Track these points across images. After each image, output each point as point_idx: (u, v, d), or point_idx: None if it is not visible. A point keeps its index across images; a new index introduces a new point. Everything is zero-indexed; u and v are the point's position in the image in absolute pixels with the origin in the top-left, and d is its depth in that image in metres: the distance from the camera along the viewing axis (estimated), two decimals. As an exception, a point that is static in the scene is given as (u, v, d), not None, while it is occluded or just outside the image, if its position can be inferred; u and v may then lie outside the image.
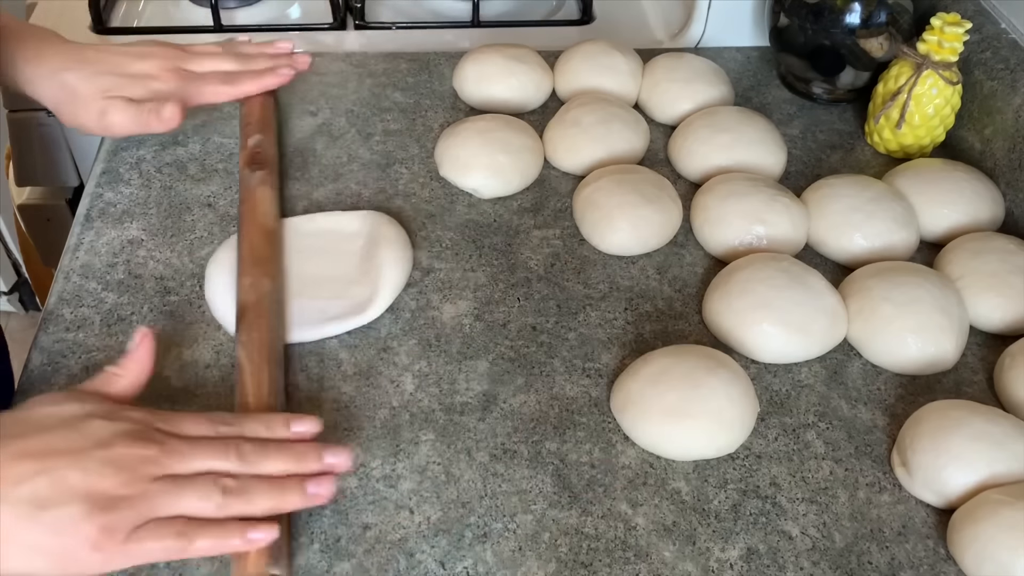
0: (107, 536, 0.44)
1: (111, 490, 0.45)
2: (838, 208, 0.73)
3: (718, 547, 0.55)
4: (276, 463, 0.50)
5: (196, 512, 0.47)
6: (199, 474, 0.48)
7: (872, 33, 0.82)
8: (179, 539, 0.46)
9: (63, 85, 0.67)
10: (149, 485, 0.46)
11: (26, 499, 0.43)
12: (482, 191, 0.76)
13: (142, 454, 0.46)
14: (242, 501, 0.48)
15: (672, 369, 0.60)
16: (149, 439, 0.47)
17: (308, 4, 1.00)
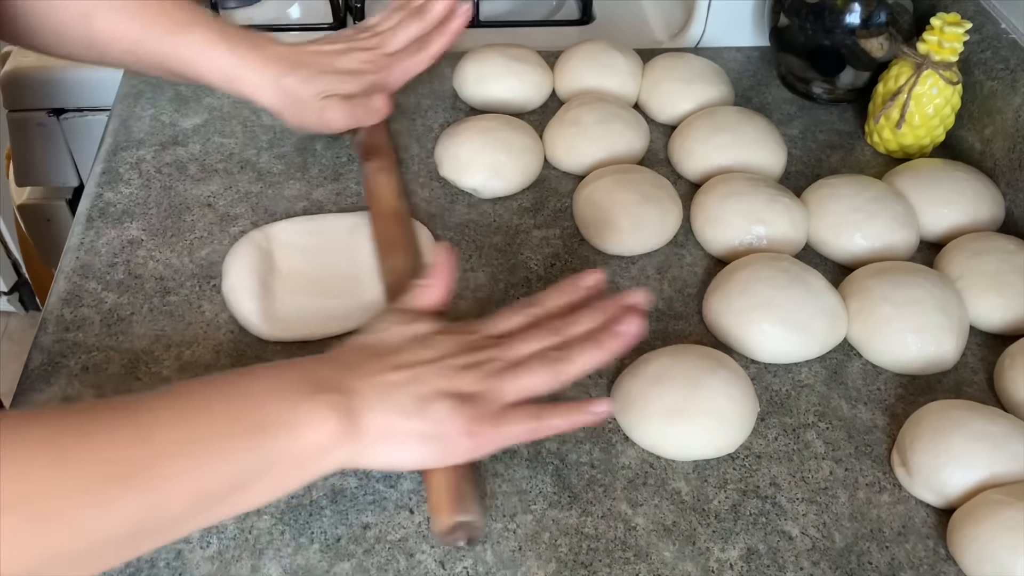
0: (475, 424, 0.50)
1: (468, 387, 0.51)
2: (838, 208, 0.73)
3: (718, 547, 0.55)
4: (585, 323, 0.55)
5: (536, 387, 0.53)
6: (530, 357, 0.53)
7: (872, 33, 0.82)
8: (534, 420, 0.52)
9: (285, 90, 0.70)
10: (496, 378, 0.52)
11: (409, 401, 0.50)
12: (482, 191, 0.76)
13: (482, 356, 0.53)
14: (571, 363, 0.53)
15: (672, 369, 0.60)
16: (483, 345, 0.54)
17: (308, 4, 1.00)
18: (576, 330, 0.55)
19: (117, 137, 0.79)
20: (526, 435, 0.53)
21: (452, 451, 0.51)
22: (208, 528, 0.53)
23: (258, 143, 0.79)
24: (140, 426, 0.43)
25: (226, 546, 0.53)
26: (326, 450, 0.47)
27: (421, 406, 0.50)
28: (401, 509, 0.55)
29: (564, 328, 0.55)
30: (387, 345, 0.53)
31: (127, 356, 0.63)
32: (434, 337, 0.54)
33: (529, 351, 0.54)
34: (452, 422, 0.50)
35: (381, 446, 0.49)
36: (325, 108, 0.71)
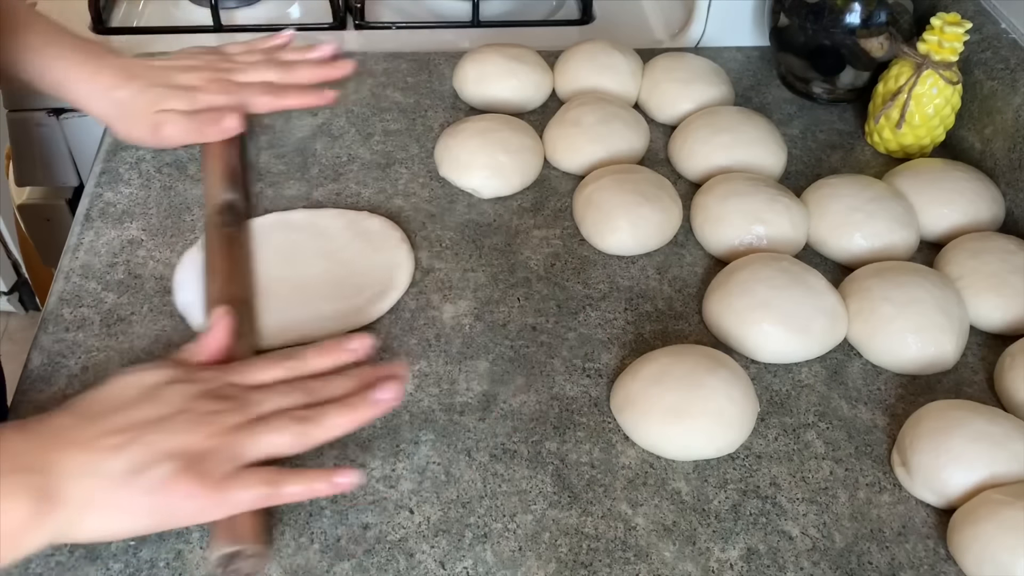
0: (200, 486, 0.47)
1: (197, 445, 0.48)
2: (838, 208, 0.73)
3: (718, 547, 0.55)
4: (340, 387, 0.53)
5: (278, 448, 0.50)
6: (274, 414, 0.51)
7: (872, 33, 0.82)
8: (269, 486, 0.49)
9: (116, 102, 0.68)
10: (232, 434, 0.49)
11: (121, 468, 0.46)
12: (482, 191, 0.76)
13: (219, 408, 0.50)
14: (317, 427, 0.51)
15: (672, 369, 0.60)
16: (223, 394, 0.51)
17: (308, 4, 1.00)
18: (329, 392, 0.52)
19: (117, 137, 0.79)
20: (259, 501, 0.49)
21: (174, 516, 0.48)
22: (208, 528, 0.53)
23: (258, 143, 0.79)
24: None
25: None
26: (21, 532, 0.44)
27: (135, 471, 0.46)
28: (401, 509, 0.55)
29: (317, 389, 0.52)
30: (110, 403, 0.49)
31: (127, 356, 0.63)
32: (168, 387, 0.50)
33: (275, 407, 0.51)
34: (172, 486, 0.47)
35: (89, 517, 0.46)
36: (161, 122, 0.68)
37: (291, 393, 0.52)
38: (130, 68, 0.69)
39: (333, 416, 0.51)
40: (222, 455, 0.48)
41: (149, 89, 0.69)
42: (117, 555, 0.52)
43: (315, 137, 0.81)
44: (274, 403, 0.51)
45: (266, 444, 0.50)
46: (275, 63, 0.74)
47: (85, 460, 0.46)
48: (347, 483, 0.50)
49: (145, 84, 0.69)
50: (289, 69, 0.74)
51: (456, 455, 0.58)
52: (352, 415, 0.51)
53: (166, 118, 0.69)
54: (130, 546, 0.53)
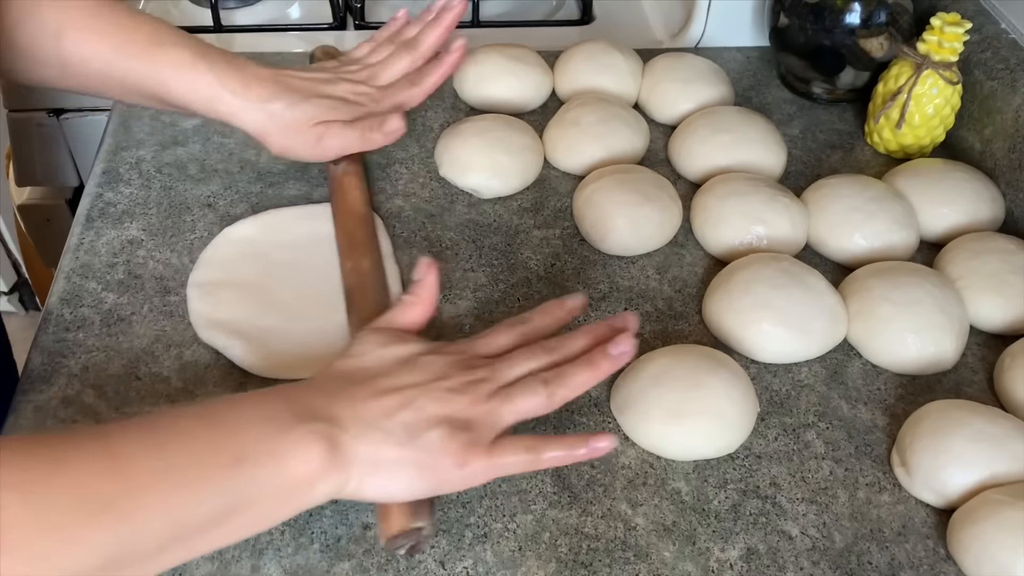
0: (469, 452, 0.49)
1: (461, 412, 0.49)
2: (838, 208, 0.73)
3: (718, 547, 0.55)
4: (578, 342, 0.54)
5: (531, 410, 0.51)
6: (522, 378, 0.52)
7: (872, 33, 0.82)
8: (531, 452, 0.50)
9: (272, 115, 0.67)
10: (488, 402, 0.50)
11: (398, 428, 0.48)
12: (482, 191, 0.76)
13: (474, 378, 0.51)
14: (563, 385, 0.52)
15: (672, 369, 0.60)
16: (474, 365, 0.52)
17: (308, 4, 1.00)
18: (569, 349, 0.54)
19: (117, 137, 0.79)
20: (522, 467, 0.51)
21: (445, 481, 0.49)
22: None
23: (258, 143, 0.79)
24: (114, 457, 0.42)
25: (226, 546, 0.53)
26: (312, 482, 0.46)
27: (411, 434, 0.48)
28: (401, 509, 0.55)
29: (557, 347, 0.54)
30: (371, 369, 0.51)
31: (127, 356, 0.63)
32: (421, 358, 0.52)
33: (522, 372, 0.52)
34: (445, 451, 0.48)
35: (370, 477, 0.47)
36: (324, 134, 0.68)
37: (533, 356, 0.53)
38: (283, 80, 0.68)
39: (577, 374, 0.52)
40: (485, 422, 0.50)
41: (307, 101, 0.68)
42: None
43: (315, 137, 0.80)
44: (521, 368, 0.52)
45: (521, 408, 0.51)
46: (402, 48, 0.74)
47: (367, 417, 0.48)
48: (605, 446, 0.51)
49: (301, 96, 0.68)
50: (417, 46, 0.74)
51: (456, 455, 0.58)
52: (593, 371, 0.53)
53: (328, 129, 0.68)
54: (130, 546, 0.53)
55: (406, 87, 0.73)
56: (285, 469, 0.45)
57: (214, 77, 0.66)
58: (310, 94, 0.68)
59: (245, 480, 0.44)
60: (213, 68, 0.66)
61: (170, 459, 0.43)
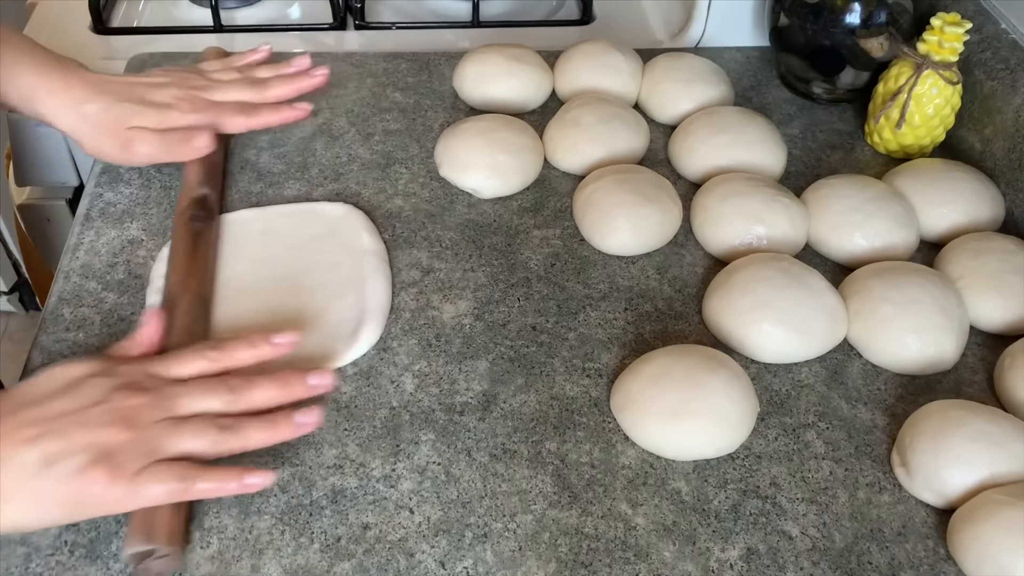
0: (113, 478, 0.48)
1: (111, 438, 0.49)
2: (838, 208, 0.73)
3: (718, 547, 0.55)
4: (265, 392, 0.53)
5: (194, 450, 0.51)
6: (196, 415, 0.51)
7: (872, 33, 0.82)
8: (181, 481, 0.50)
9: (84, 116, 0.67)
10: (148, 429, 0.50)
11: (34, 459, 0.47)
12: (482, 191, 0.76)
13: (139, 402, 0.50)
14: (236, 437, 0.52)
15: (672, 369, 0.60)
16: (144, 388, 0.51)
17: (308, 4, 1.00)
18: (254, 397, 0.53)
19: (117, 137, 0.79)
20: (170, 495, 0.50)
21: (86, 507, 0.49)
22: (208, 528, 0.53)
23: (258, 143, 0.79)
24: None
25: (226, 546, 0.53)
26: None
27: (47, 463, 0.47)
28: (401, 509, 0.55)
29: (242, 389, 0.53)
30: (29, 397, 0.50)
31: (127, 356, 0.63)
32: (88, 380, 0.51)
33: (197, 408, 0.52)
34: (84, 477, 0.47)
35: (9, 506, 0.47)
36: (131, 139, 0.68)
37: (214, 393, 0.52)
38: (101, 83, 0.69)
39: (253, 430, 0.52)
40: (137, 449, 0.49)
41: (119, 104, 0.68)
42: (117, 555, 0.52)
43: (315, 137, 0.81)
44: (196, 403, 0.52)
45: (182, 444, 0.50)
46: (249, 81, 0.74)
47: (5, 451, 0.47)
48: (258, 484, 0.51)
49: (115, 99, 0.68)
50: (263, 87, 0.74)
51: (456, 455, 0.58)
52: (271, 432, 0.53)
53: (136, 135, 0.68)
54: (130, 546, 0.53)
55: (233, 112, 0.72)
56: None
57: (34, 76, 0.66)
58: (125, 98, 0.68)
59: None
60: (36, 68, 0.66)
61: None
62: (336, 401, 0.61)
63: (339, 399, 0.61)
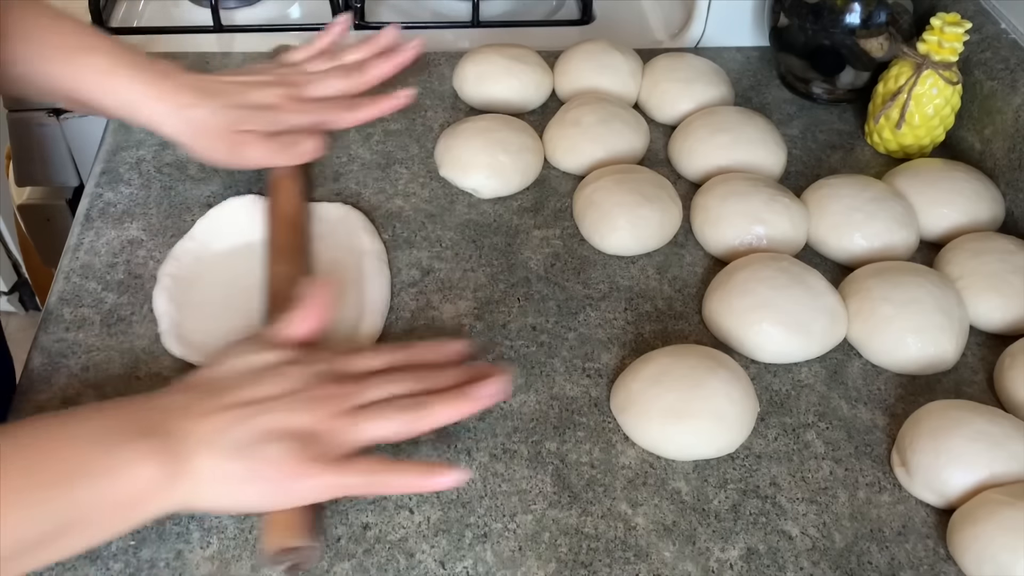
0: (310, 467, 0.48)
1: (308, 427, 0.49)
2: (838, 208, 0.73)
3: (718, 547, 0.55)
4: (448, 377, 0.54)
5: (385, 434, 0.51)
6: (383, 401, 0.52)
7: (872, 33, 0.82)
8: (375, 474, 0.51)
9: (190, 121, 0.67)
10: (341, 418, 0.50)
11: (241, 442, 0.48)
12: (482, 191, 0.76)
13: (330, 392, 0.51)
14: (424, 416, 0.52)
15: (672, 369, 0.60)
16: (334, 379, 0.52)
17: (308, 4, 1.00)
18: (438, 382, 0.54)
19: (117, 137, 0.79)
20: (363, 488, 0.52)
21: (286, 494, 0.49)
22: (208, 528, 0.53)
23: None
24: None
25: (226, 546, 0.53)
26: (146, 497, 0.46)
27: (252, 447, 0.48)
28: (401, 509, 0.55)
29: (426, 378, 0.54)
30: (225, 380, 0.51)
31: (127, 356, 0.63)
32: (281, 369, 0.52)
33: (385, 394, 0.52)
34: (284, 464, 0.48)
35: (210, 489, 0.48)
36: (243, 144, 0.68)
37: (399, 382, 0.53)
38: (203, 86, 0.68)
39: (439, 407, 0.52)
40: (334, 438, 0.50)
41: (226, 109, 0.67)
42: (117, 555, 0.52)
43: (315, 137, 0.80)
44: (384, 390, 0.52)
45: (375, 430, 0.51)
46: (344, 69, 0.74)
47: (207, 431, 0.48)
48: (451, 482, 0.51)
49: (221, 104, 0.67)
50: (360, 72, 0.73)
51: (456, 455, 0.58)
52: (457, 407, 0.53)
53: (246, 139, 0.68)
54: (130, 546, 0.53)
55: (339, 109, 0.72)
56: (115, 485, 0.45)
57: (135, 83, 0.65)
58: (231, 102, 0.68)
59: (74, 498, 0.44)
60: (134, 74, 0.66)
61: (6, 476, 0.43)
62: (336, 401, 0.61)
63: (339, 399, 0.61)
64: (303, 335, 0.55)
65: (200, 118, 0.67)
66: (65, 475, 0.45)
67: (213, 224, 0.70)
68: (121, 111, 0.67)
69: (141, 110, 0.66)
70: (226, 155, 0.69)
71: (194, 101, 0.67)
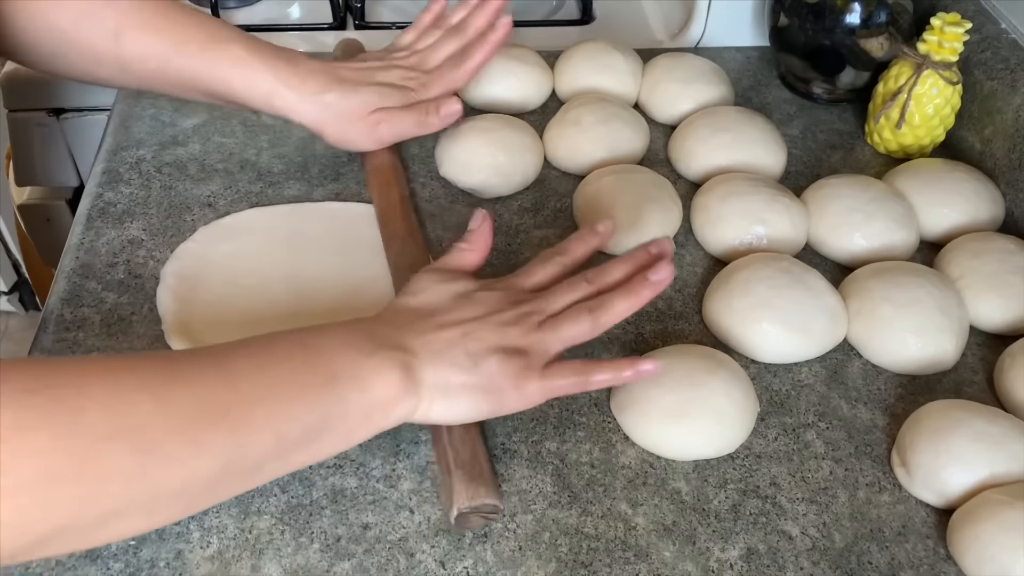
0: (524, 377, 0.53)
1: (514, 341, 0.53)
2: (838, 208, 0.73)
3: (718, 547, 0.55)
4: (616, 271, 0.58)
5: (577, 337, 0.55)
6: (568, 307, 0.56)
7: (872, 33, 0.82)
8: (579, 375, 0.54)
9: (327, 106, 0.69)
10: (538, 331, 0.54)
11: (461, 357, 0.52)
12: (482, 191, 0.76)
13: (524, 310, 0.55)
14: (607, 312, 0.56)
15: (672, 369, 0.60)
16: (522, 299, 0.56)
17: (308, 4, 1.00)
18: (609, 278, 0.57)
19: (117, 137, 0.79)
20: (573, 388, 0.55)
21: (504, 404, 0.53)
22: (208, 528, 0.53)
23: (258, 143, 0.79)
24: (224, 372, 0.46)
25: (226, 546, 0.53)
26: (391, 404, 0.50)
27: (473, 361, 0.52)
28: (401, 509, 0.55)
29: (597, 277, 0.57)
30: (431, 305, 0.55)
31: (127, 356, 0.63)
32: (475, 294, 0.55)
33: (567, 302, 0.56)
34: (503, 376, 0.52)
35: (438, 401, 0.51)
36: (379, 120, 0.70)
37: (575, 288, 0.57)
38: (333, 71, 0.70)
39: (619, 302, 0.56)
40: (536, 349, 0.54)
41: (360, 90, 0.70)
42: (117, 555, 0.52)
43: (315, 137, 0.80)
44: (565, 299, 0.56)
45: (567, 335, 0.55)
46: (450, 33, 0.76)
47: (431, 349, 0.52)
48: (650, 369, 0.55)
49: (353, 85, 0.70)
50: (464, 29, 0.76)
51: (456, 455, 0.58)
52: (635, 298, 0.56)
53: (384, 116, 0.70)
54: (130, 546, 0.53)
55: (451, 69, 0.74)
56: (369, 390, 0.49)
57: (270, 73, 0.67)
58: (362, 83, 0.70)
59: (336, 398, 0.48)
60: (268, 64, 0.67)
61: (273, 376, 0.47)
62: (336, 401, 0.61)
63: (339, 399, 0.61)
64: (476, 263, 0.59)
65: (334, 103, 0.69)
66: (327, 378, 0.48)
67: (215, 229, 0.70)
68: (258, 102, 0.69)
69: (277, 99, 0.68)
70: (366, 136, 0.71)
71: (326, 86, 0.69)
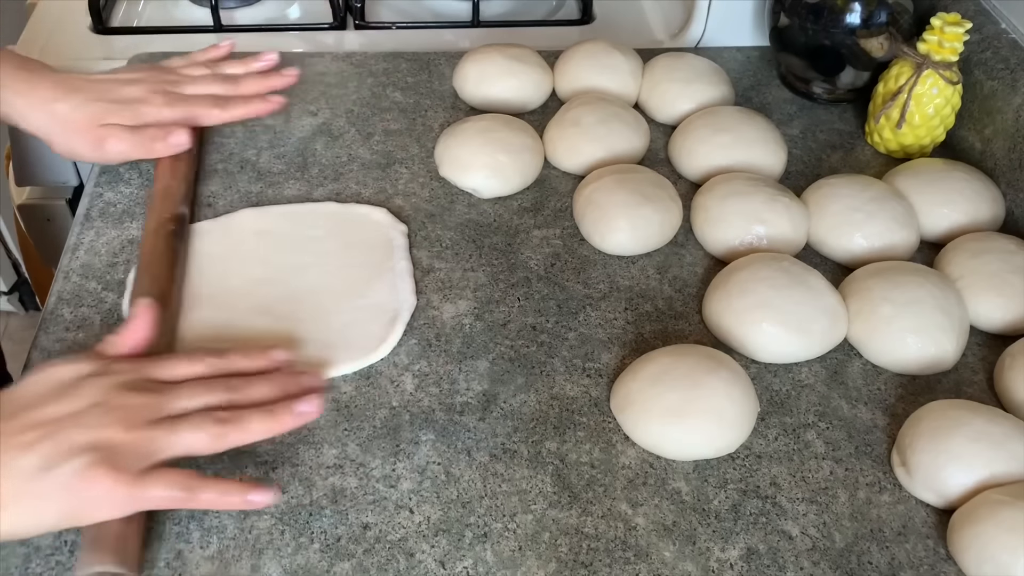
0: (114, 480, 0.47)
1: (112, 438, 0.48)
2: (838, 208, 0.73)
3: (718, 547, 0.55)
4: (262, 388, 0.53)
5: (194, 447, 0.50)
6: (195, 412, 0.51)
7: (872, 33, 0.82)
8: (183, 489, 0.49)
9: (54, 115, 0.67)
10: (148, 428, 0.49)
11: (34, 464, 0.46)
12: (482, 191, 0.76)
13: (137, 402, 0.50)
14: (237, 429, 0.51)
15: (672, 369, 0.60)
16: (141, 388, 0.51)
17: (308, 4, 1.00)
18: (252, 393, 0.53)
19: (117, 137, 0.79)
20: (173, 503, 0.50)
21: (86, 511, 0.48)
22: (208, 528, 0.53)
23: (258, 143, 0.79)
24: None
25: (226, 546, 0.53)
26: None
27: (49, 466, 0.46)
28: (401, 509, 0.55)
29: (241, 388, 0.53)
30: (26, 400, 0.49)
31: (127, 356, 0.62)
32: (84, 382, 0.50)
33: (196, 405, 0.51)
34: (85, 480, 0.47)
35: (7, 512, 0.46)
36: (104, 137, 0.68)
37: (211, 389, 0.52)
38: (69, 82, 0.68)
39: (254, 421, 0.51)
40: (138, 450, 0.48)
41: (90, 103, 0.67)
42: (117, 555, 0.52)
43: (315, 137, 0.81)
44: (194, 400, 0.51)
45: (183, 442, 0.50)
46: (220, 77, 0.74)
47: (5, 456, 0.46)
48: (261, 502, 0.51)
49: (86, 98, 0.68)
50: (234, 82, 0.74)
51: (456, 455, 0.58)
52: (272, 423, 0.52)
53: (109, 132, 0.68)
54: (130, 546, 0.53)
55: (208, 105, 0.72)
56: None
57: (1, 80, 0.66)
58: (96, 96, 0.68)
59: None
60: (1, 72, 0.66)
61: None
62: (336, 401, 0.61)
63: (339, 399, 0.61)
64: (125, 350, 0.54)
65: (63, 112, 0.67)
66: None
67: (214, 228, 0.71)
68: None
69: (4, 106, 0.67)
70: (90, 149, 0.69)
71: (57, 96, 0.67)
